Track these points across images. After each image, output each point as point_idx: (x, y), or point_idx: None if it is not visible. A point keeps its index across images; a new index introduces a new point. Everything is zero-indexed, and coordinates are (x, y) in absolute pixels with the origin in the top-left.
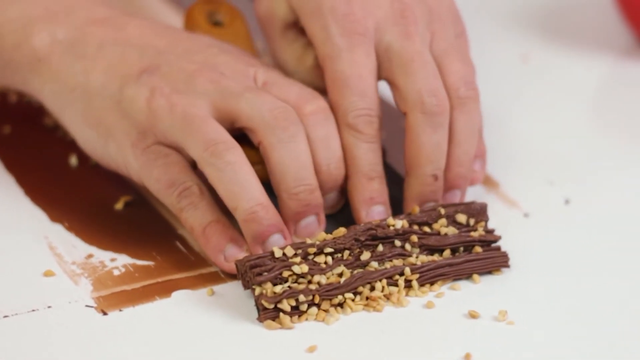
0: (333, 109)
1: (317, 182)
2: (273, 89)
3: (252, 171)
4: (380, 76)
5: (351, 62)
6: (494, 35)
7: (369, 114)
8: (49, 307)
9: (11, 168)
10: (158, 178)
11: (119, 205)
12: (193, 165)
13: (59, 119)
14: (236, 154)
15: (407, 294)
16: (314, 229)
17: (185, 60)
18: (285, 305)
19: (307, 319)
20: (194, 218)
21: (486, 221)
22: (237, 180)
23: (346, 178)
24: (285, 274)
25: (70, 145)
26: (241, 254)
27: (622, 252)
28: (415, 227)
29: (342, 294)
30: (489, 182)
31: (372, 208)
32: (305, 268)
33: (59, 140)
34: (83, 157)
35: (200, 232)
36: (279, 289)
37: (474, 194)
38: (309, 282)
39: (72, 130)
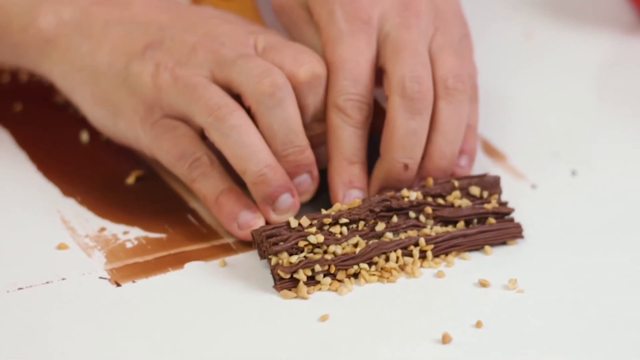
0: (327, 89)
1: (307, 142)
2: (270, 54)
3: (258, 133)
4: (378, 64)
5: (350, 47)
6: (499, 13)
7: (360, 100)
8: (63, 279)
9: (23, 145)
10: (168, 150)
11: (130, 180)
12: (202, 136)
13: (70, 98)
14: (240, 117)
15: (421, 265)
16: (307, 186)
17: (187, 33)
18: (302, 275)
19: (320, 289)
20: (206, 187)
21: (499, 194)
22: (243, 143)
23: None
24: (301, 244)
25: (81, 121)
26: (255, 221)
27: (628, 222)
28: (429, 199)
29: (358, 264)
30: (496, 155)
31: (350, 191)
32: (320, 238)
33: (70, 117)
34: (94, 133)
35: (213, 201)
36: (294, 258)
37: (481, 167)
38: (325, 252)
39: (83, 108)
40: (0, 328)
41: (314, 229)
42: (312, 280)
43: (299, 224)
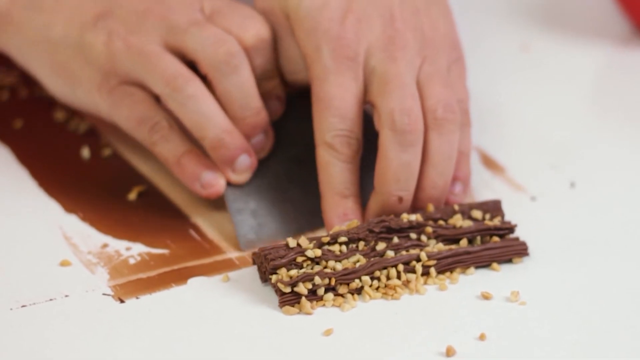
0: (314, 128)
1: (262, 103)
2: (218, 19)
3: (214, 100)
4: (366, 99)
5: (337, 84)
6: (495, 26)
7: (348, 135)
8: (67, 296)
9: (25, 161)
10: (128, 117)
11: (132, 196)
12: (159, 100)
13: (28, 69)
14: (196, 86)
15: (425, 282)
16: (263, 144)
17: (136, 1)
18: (302, 288)
19: (324, 305)
20: (167, 150)
21: (502, 216)
22: (200, 111)
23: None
24: (300, 259)
25: (81, 137)
26: (216, 180)
27: (628, 233)
28: (430, 222)
29: (359, 277)
30: (495, 167)
31: (346, 223)
32: (318, 252)
33: (70, 134)
34: (95, 149)
35: (174, 163)
36: (294, 273)
37: (480, 180)
38: (325, 267)
39: (41, 79)
40: (4, 346)
41: (311, 245)
42: (314, 295)
43: (298, 244)
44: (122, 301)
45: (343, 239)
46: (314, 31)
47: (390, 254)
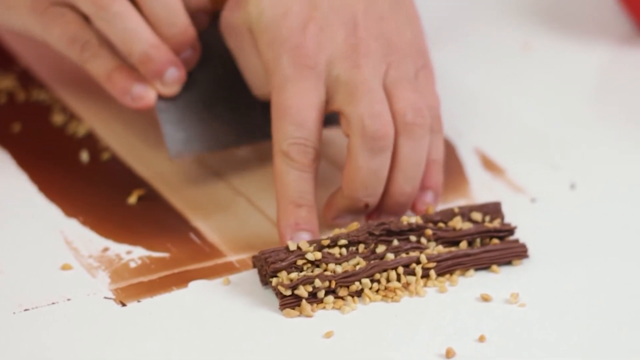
0: (272, 137)
1: (189, 20)
2: None
3: (140, 17)
4: (331, 109)
5: (295, 93)
6: (496, 25)
7: (305, 144)
8: (69, 299)
9: (24, 165)
10: (59, 37)
11: (132, 199)
12: (89, 20)
13: None
14: (122, 4)
15: (425, 285)
16: (191, 58)
17: None
18: (303, 291)
19: (324, 308)
20: (98, 67)
21: (502, 219)
22: (126, 28)
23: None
24: (300, 262)
25: (80, 141)
26: (146, 92)
27: (628, 234)
28: (430, 224)
29: (359, 280)
30: (494, 169)
31: (298, 233)
32: (318, 255)
33: (69, 137)
34: (94, 153)
35: (106, 78)
36: (294, 275)
37: (480, 182)
38: (325, 270)
39: None
40: (8, 349)
41: (312, 248)
42: (314, 298)
43: (298, 247)
44: (123, 304)
45: (343, 241)
46: (274, 41)
47: (390, 256)
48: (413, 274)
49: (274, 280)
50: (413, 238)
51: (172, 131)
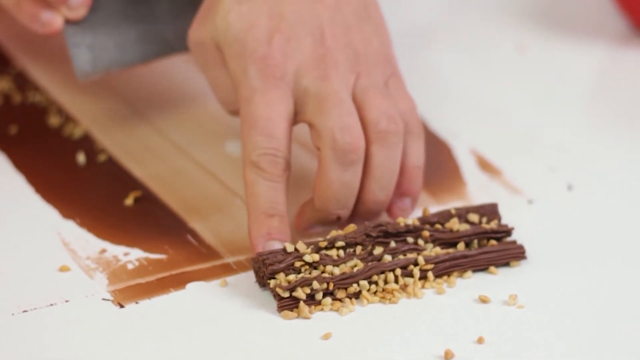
0: (242, 149)
1: None
2: None
3: None
4: (300, 120)
5: (263, 104)
6: (490, 27)
7: (274, 154)
8: (67, 301)
9: (20, 167)
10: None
11: (129, 201)
12: None
13: None
14: None
15: (423, 286)
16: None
17: None
18: (301, 293)
19: (322, 309)
20: None
21: (499, 220)
22: None
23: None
24: (297, 264)
25: (76, 143)
26: (55, 18)
27: (626, 236)
28: (427, 226)
29: (357, 282)
30: (491, 170)
31: (270, 242)
32: (316, 257)
33: (65, 139)
34: (90, 155)
35: (14, 6)
36: (292, 277)
37: (477, 183)
38: (322, 272)
39: None
40: (7, 350)
41: (309, 250)
42: (312, 300)
43: (295, 249)
44: (121, 306)
45: (340, 243)
46: (241, 54)
47: (387, 258)
48: (411, 275)
49: (272, 282)
50: (410, 239)
51: (79, 53)
